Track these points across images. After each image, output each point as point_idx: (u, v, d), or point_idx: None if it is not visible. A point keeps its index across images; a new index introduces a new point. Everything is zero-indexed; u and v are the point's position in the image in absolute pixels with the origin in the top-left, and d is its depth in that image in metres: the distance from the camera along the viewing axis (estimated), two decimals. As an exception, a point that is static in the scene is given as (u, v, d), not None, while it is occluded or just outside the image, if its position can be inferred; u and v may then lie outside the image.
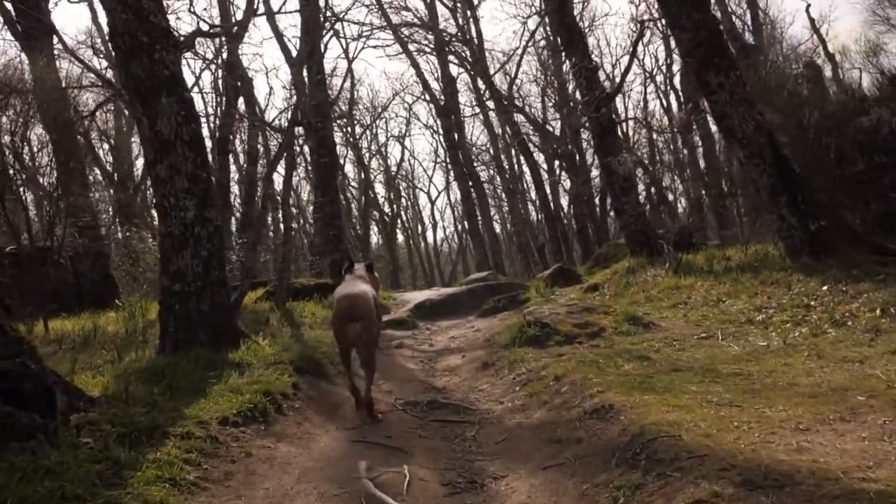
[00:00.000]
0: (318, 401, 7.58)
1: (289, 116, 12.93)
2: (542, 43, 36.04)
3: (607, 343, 8.89)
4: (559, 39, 17.79)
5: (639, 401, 5.76)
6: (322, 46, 19.08)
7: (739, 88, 12.05)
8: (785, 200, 11.63)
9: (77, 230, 15.72)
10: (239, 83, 20.61)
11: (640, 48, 22.00)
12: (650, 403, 5.63)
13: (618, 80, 21.52)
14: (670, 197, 38.50)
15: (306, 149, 23.84)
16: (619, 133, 17.25)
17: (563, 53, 17.05)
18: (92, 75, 15.11)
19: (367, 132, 43.10)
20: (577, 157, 34.37)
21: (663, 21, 20.52)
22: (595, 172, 43.98)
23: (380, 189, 44.94)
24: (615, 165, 15.86)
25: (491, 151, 40.47)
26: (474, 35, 31.86)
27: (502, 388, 8.00)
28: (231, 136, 22.68)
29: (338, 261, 17.78)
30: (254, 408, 6.26)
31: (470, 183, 29.37)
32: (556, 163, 38.84)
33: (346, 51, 32.68)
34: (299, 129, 14.84)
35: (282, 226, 13.82)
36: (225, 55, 20.70)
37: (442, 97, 31.21)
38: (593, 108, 15.89)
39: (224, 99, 20.56)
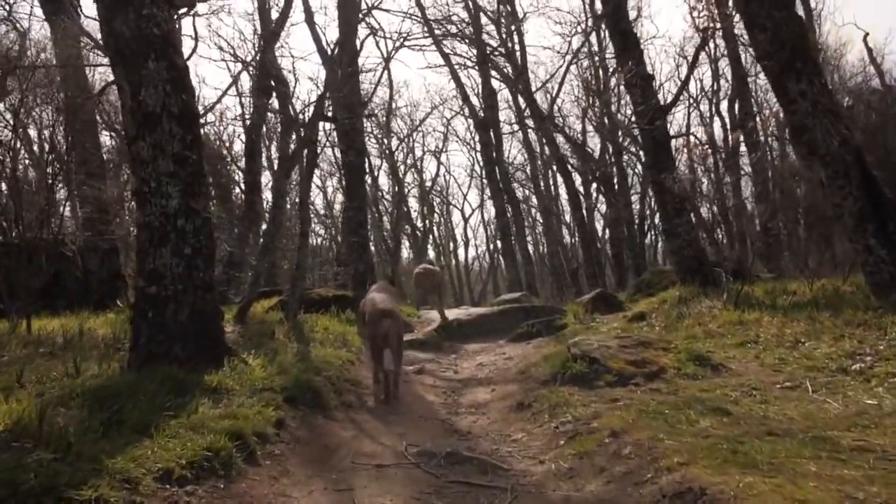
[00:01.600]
0: (308, 443, 5.89)
1: (313, 109, 11.30)
2: (585, 63, 34.45)
3: (670, 387, 7.12)
4: (613, 46, 15.91)
5: (742, 485, 3.99)
6: (357, 43, 17.49)
7: (824, 98, 10.25)
8: (873, 229, 9.83)
9: (84, 222, 14.32)
10: (272, 82, 19.11)
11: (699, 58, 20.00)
12: (761, 492, 3.86)
13: (668, 100, 19.66)
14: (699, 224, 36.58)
15: (338, 153, 22.32)
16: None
17: (616, 61, 15.30)
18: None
19: (404, 145, 41.69)
20: (616, 180, 32.63)
21: (722, 33, 18.76)
22: (635, 197, 42.40)
23: (413, 203, 43.47)
24: (669, 183, 14.09)
25: (527, 171, 38.85)
26: (517, 48, 30.26)
27: (542, 439, 6.24)
28: (262, 138, 21.18)
29: (361, 272, 16.16)
30: (215, 455, 4.59)
31: (506, 199, 27.68)
32: (594, 185, 37.14)
33: (385, 56, 31.18)
34: (326, 126, 13.31)
35: (299, 229, 12.20)
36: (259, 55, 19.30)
37: (482, 111, 29.63)
38: (648, 120, 14.17)
39: (253, 96, 19.04)
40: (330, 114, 12.76)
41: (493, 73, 30.19)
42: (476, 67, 30.62)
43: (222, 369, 6.76)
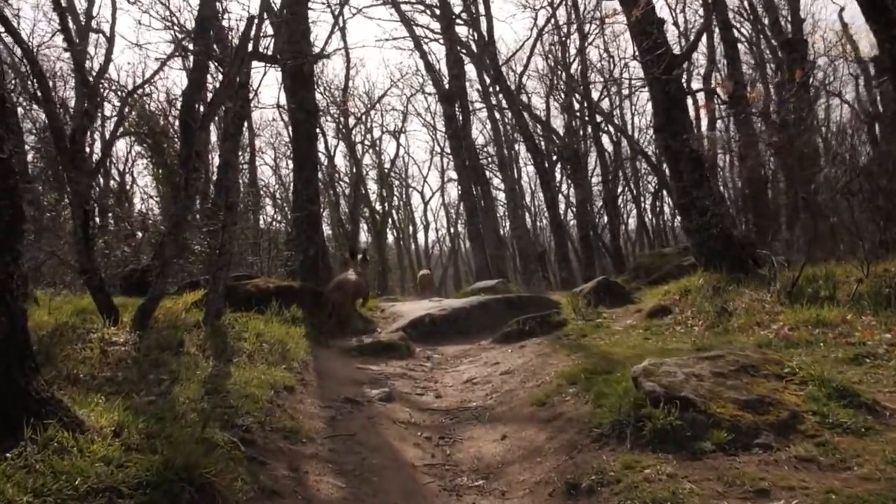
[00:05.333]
0: None
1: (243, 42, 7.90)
2: (553, 39, 31.29)
3: (827, 452, 3.96)
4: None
5: None
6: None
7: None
8: None
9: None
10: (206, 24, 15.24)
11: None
12: None
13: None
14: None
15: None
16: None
17: (620, 4, 12.04)
18: None
19: (361, 125, 37.98)
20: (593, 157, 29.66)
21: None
22: (596, 179, 39.42)
23: (372, 186, 39.82)
24: (688, 146, 10.96)
25: (490, 150, 35.56)
26: (483, 17, 26.84)
27: None
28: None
29: (312, 257, 12.73)
30: None
31: (474, 178, 24.34)
32: (558, 167, 34.07)
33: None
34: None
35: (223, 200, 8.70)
36: None
37: (447, 82, 26.19)
38: (663, 69, 11.04)
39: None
40: (269, 52, 9.31)
41: (459, 48, 26.71)
42: (440, 39, 27.15)
43: (13, 451, 3.33)
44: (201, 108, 19.97)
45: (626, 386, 4.84)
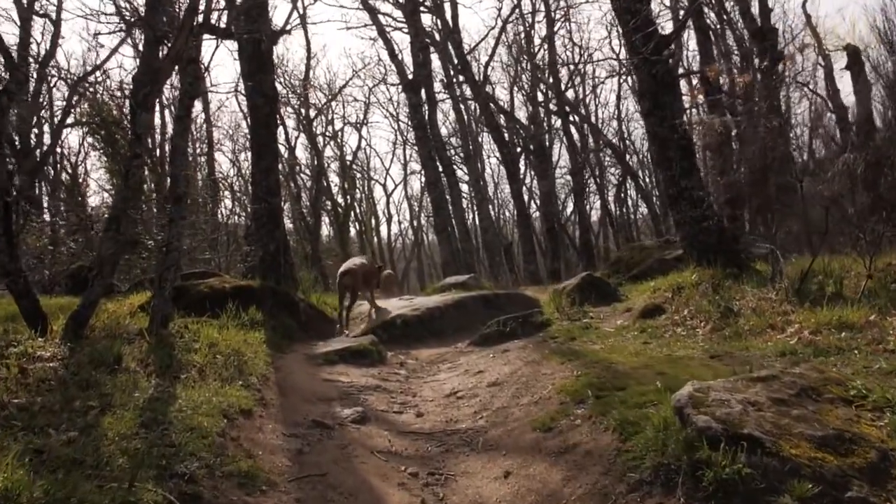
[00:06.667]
0: None
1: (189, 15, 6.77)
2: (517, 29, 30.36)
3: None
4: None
5: None
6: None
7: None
8: None
9: None
10: None
11: None
12: None
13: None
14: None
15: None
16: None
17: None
18: None
19: (322, 116, 36.51)
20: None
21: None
22: (560, 171, 38.66)
23: (333, 179, 38.40)
24: (676, 132, 10.05)
25: (454, 142, 34.51)
26: (447, 1, 25.72)
27: None
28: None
29: (272, 253, 11.57)
30: None
31: (440, 168, 23.25)
32: (522, 158, 33.15)
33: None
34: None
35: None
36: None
37: (410, 73, 25.01)
38: (651, 49, 10.11)
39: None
40: (218, 24, 8.14)
41: (423, 37, 25.53)
42: (403, 28, 25.93)
43: None
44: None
45: (666, 417, 3.85)
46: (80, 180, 30.16)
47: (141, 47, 18.28)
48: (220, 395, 5.47)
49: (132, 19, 9.71)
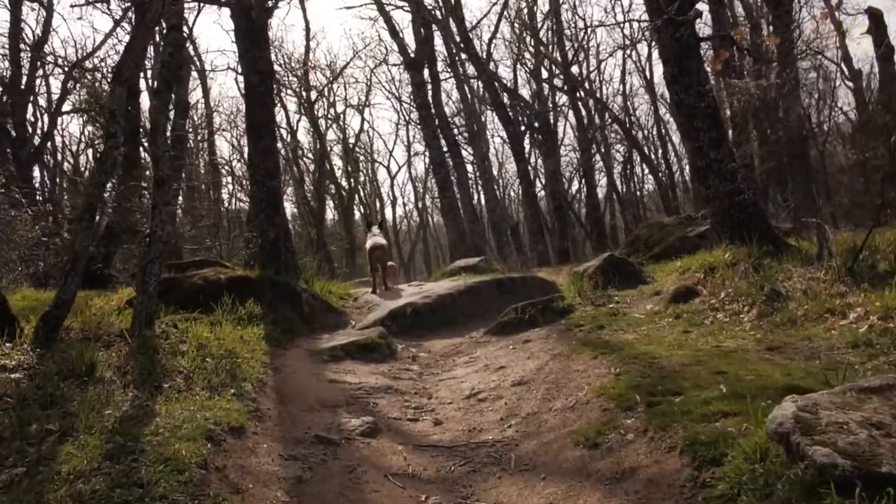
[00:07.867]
0: None
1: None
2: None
3: None
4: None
5: None
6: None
7: None
8: None
9: None
10: None
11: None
12: None
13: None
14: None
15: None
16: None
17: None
18: None
19: (323, 98, 35.48)
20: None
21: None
22: (565, 150, 37.57)
23: (337, 161, 37.44)
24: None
25: (457, 121, 33.46)
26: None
27: None
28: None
29: (272, 240, 10.70)
30: None
31: (445, 148, 22.31)
32: (527, 136, 32.11)
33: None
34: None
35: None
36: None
37: (413, 52, 23.98)
38: (676, 9, 9.17)
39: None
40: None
41: (425, 14, 24.45)
42: (405, 7, 24.84)
43: None
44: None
45: (759, 443, 2.99)
46: (83, 168, 29.28)
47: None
48: (207, 410, 4.63)
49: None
